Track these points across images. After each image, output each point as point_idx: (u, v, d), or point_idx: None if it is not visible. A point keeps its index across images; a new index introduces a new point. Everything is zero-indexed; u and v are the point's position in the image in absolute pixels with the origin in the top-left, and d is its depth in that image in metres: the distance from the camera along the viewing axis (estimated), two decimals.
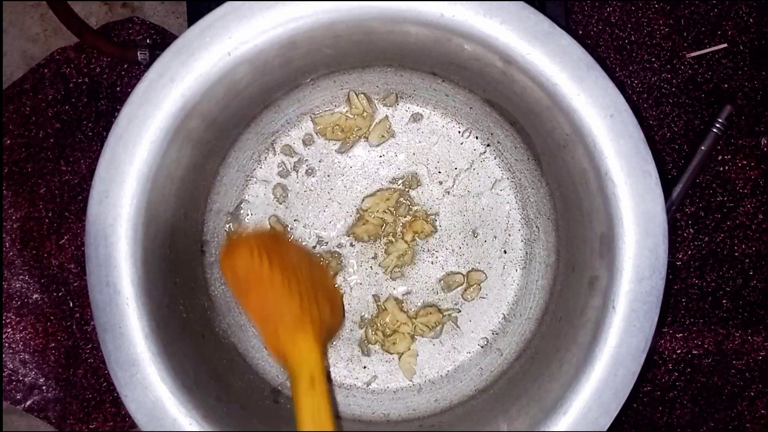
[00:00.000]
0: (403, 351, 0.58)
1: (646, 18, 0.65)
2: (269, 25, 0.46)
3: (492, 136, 0.58)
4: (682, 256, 0.65)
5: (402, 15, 0.46)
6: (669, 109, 0.65)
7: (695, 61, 0.65)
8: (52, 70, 0.67)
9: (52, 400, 0.67)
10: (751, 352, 0.65)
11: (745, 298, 0.65)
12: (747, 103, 0.65)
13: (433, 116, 0.58)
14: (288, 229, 0.59)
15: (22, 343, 0.67)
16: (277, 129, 0.58)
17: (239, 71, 0.47)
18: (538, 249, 0.58)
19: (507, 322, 0.58)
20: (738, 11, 0.65)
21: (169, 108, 0.46)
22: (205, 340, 0.54)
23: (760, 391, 0.65)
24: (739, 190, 0.65)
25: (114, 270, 0.46)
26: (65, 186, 0.66)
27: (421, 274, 0.59)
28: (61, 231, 0.67)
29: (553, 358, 0.50)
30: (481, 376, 0.58)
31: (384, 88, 0.58)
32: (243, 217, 0.59)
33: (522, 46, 0.45)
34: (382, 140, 0.58)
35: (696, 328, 0.65)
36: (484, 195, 0.58)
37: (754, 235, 0.65)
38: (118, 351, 0.46)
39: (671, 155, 0.65)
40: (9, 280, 0.67)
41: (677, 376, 0.65)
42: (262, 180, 0.59)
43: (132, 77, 0.66)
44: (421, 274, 0.59)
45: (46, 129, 0.66)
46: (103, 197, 0.46)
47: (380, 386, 0.59)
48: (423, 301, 0.59)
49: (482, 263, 0.59)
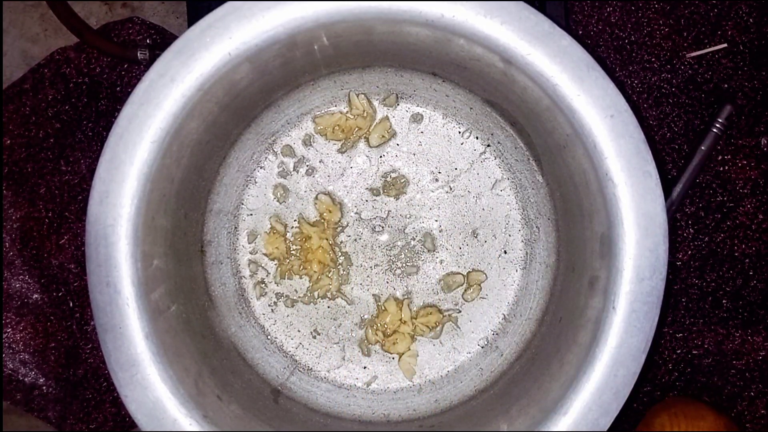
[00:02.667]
0: (403, 351, 0.58)
1: (646, 18, 0.65)
2: (269, 25, 0.46)
3: (492, 136, 0.58)
4: (682, 256, 0.65)
5: (402, 15, 0.46)
6: (669, 109, 0.65)
7: (695, 61, 0.65)
8: (52, 70, 0.67)
9: (52, 400, 0.67)
10: (751, 352, 0.65)
11: (745, 298, 0.65)
12: (747, 103, 0.65)
13: (433, 116, 0.58)
14: (288, 229, 0.59)
15: (22, 343, 0.67)
16: (278, 129, 0.58)
17: (239, 71, 0.47)
18: (538, 249, 0.58)
19: (507, 322, 0.58)
20: (738, 11, 0.65)
21: (170, 108, 0.46)
22: (205, 340, 0.54)
23: (760, 391, 0.65)
24: (739, 190, 0.65)
25: (114, 270, 0.46)
26: (65, 186, 0.66)
27: (421, 275, 0.59)
28: (61, 231, 0.67)
29: (554, 358, 0.50)
30: (481, 377, 0.58)
31: (384, 88, 0.58)
32: (243, 217, 0.59)
33: (522, 46, 0.45)
34: (382, 140, 0.58)
35: (696, 328, 0.65)
36: (485, 195, 0.58)
37: (754, 235, 0.65)
38: (118, 351, 0.46)
39: (671, 155, 0.65)
40: (9, 280, 0.67)
41: (677, 376, 0.65)
42: (262, 180, 0.59)
43: (132, 77, 0.66)
44: (421, 275, 0.59)
45: (46, 129, 0.66)
46: (103, 197, 0.46)
47: (380, 386, 0.59)
48: (423, 302, 0.59)
49: (482, 263, 0.59)
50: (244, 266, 0.59)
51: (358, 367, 0.59)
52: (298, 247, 0.58)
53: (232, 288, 0.58)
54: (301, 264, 0.58)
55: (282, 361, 0.59)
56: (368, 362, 0.59)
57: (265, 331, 0.59)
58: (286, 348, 0.59)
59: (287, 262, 0.58)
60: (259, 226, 0.59)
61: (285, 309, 0.59)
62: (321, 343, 0.59)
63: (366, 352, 0.59)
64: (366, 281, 0.59)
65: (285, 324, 0.59)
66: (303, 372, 0.59)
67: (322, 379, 0.59)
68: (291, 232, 0.59)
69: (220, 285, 0.58)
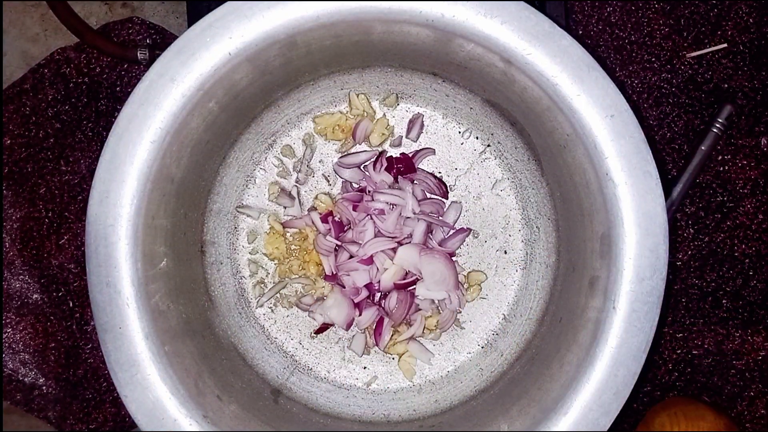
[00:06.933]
0: (403, 351, 0.58)
1: (646, 18, 0.65)
2: (269, 25, 0.46)
3: (492, 136, 0.58)
4: (682, 256, 0.65)
5: (402, 15, 0.46)
6: (669, 109, 0.65)
7: (695, 61, 0.65)
8: (52, 70, 0.67)
9: (52, 400, 0.67)
10: (751, 352, 0.65)
11: (745, 298, 0.65)
12: (747, 103, 0.65)
13: (433, 116, 0.58)
14: (287, 229, 0.59)
15: (22, 343, 0.67)
16: (277, 129, 0.58)
17: (239, 71, 0.47)
18: (538, 249, 0.58)
19: (507, 322, 0.58)
20: (738, 11, 0.65)
21: (170, 108, 0.46)
22: (205, 340, 0.54)
23: (760, 391, 0.65)
24: (739, 190, 0.65)
25: (114, 270, 0.46)
26: (65, 186, 0.66)
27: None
28: (61, 231, 0.67)
29: (554, 358, 0.50)
30: (481, 377, 0.58)
31: (384, 88, 0.58)
32: (243, 217, 0.59)
33: (522, 46, 0.45)
34: (382, 140, 0.58)
35: (696, 328, 0.65)
36: (485, 195, 0.58)
37: (754, 235, 0.65)
38: (118, 351, 0.46)
39: (671, 155, 0.65)
40: (9, 280, 0.67)
41: (677, 376, 0.65)
42: (262, 180, 0.59)
43: (132, 77, 0.66)
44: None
45: (46, 129, 0.66)
46: (103, 197, 0.46)
47: (380, 387, 0.59)
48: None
49: (482, 264, 0.59)
50: (244, 266, 0.59)
51: (358, 367, 0.59)
52: (298, 247, 0.58)
53: (232, 288, 0.58)
54: (301, 264, 0.58)
55: (282, 362, 0.58)
56: (368, 362, 0.59)
57: (265, 331, 0.59)
58: (286, 348, 0.59)
59: (287, 262, 0.58)
60: (259, 226, 0.59)
61: (285, 309, 0.59)
62: (321, 343, 0.59)
63: (366, 352, 0.58)
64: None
65: (285, 324, 0.59)
66: (303, 372, 0.59)
67: (322, 379, 0.59)
68: (290, 232, 0.59)
69: (220, 285, 0.58)
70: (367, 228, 0.56)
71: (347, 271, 0.56)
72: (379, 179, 0.57)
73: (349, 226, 0.57)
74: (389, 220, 0.55)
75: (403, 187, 0.57)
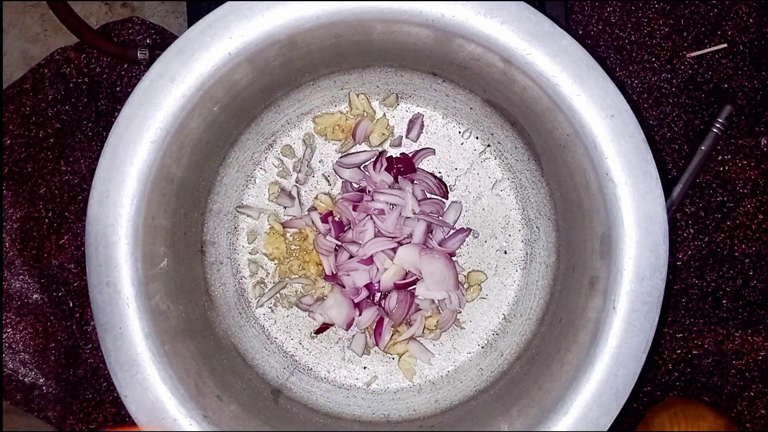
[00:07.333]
0: (403, 351, 0.58)
1: (646, 18, 0.65)
2: (269, 25, 0.46)
3: (492, 136, 0.58)
4: (682, 256, 0.65)
5: (402, 15, 0.46)
6: (669, 109, 0.65)
7: (695, 61, 0.65)
8: (52, 70, 0.67)
9: (52, 400, 0.67)
10: (751, 352, 0.65)
11: (745, 298, 0.65)
12: (747, 103, 0.65)
13: (433, 116, 0.58)
14: (287, 229, 0.59)
15: (22, 343, 0.67)
16: (277, 129, 0.58)
17: (239, 71, 0.47)
18: (538, 249, 0.58)
19: (507, 322, 0.58)
20: (738, 11, 0.65)
21: (170, 108, 0.46)
22: (205, 340, 0.54)
23: (759, 391, 0.65)
24: (739, 190, 0.65)
25: (114, 270, 0.46)
26: (65, 186, 0.66)
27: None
28: (61, 231, 0.67)
29: (554, 358, 0.50)
30: (481, 377, 0.58)
31: (384, 88, 0.58)
32: (243, 217, 0.59)
33: (522, 46, 0.45)
34: (382, 140, 0.58)
35: (696, 328, 0.65)
36: (485, 195, 0.58)
37: (754, 235, 0.65)
38: (118, 351, 0.46)
39: (671, 155, 0.65)
40: (9, 280, 0.67)
41: (677, 376, 0.65)
42: (262, 180, 0.59)
43: (132, 77, 0.66)
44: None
45: (46, 129, 0.66)
46: (103, 197, 0.46)
47: (380, 387, 0.59)
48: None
49: (482, 264, 0.59)
50: (244, 266, 0.59)
51: (358, 367, 0.59)
52: (298, 247, 0.58)
53: (232, 288, 0.58)
54: (301, 264, 0.58)
55: (282, 361, 0.58)
56: (368, 362, 0.59)
57: (265, 331, 0.59)
58: (286, 348, 0.59)
59: (287, 262, 0.58)
60: (259, 226, 0.59)
61: (285, 309, 0.59)
62: (321, 343, 0.59)
63: (366, 352, 0.58)
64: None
65: (285, 324, 0.59)
66: (303, 372, 0.59)
67: (322, 379, 0.59)
68: (290, 232, 0.59)
69: (220, 285, 0.58)
70: (367, 228, 0.56)
71: (347, 271, 0.56)
72: (379, 179, 0.57)
73: (349, 226, 0.57)
74: (389, 220, 0.56)
75: (403, 187, 0.57)
